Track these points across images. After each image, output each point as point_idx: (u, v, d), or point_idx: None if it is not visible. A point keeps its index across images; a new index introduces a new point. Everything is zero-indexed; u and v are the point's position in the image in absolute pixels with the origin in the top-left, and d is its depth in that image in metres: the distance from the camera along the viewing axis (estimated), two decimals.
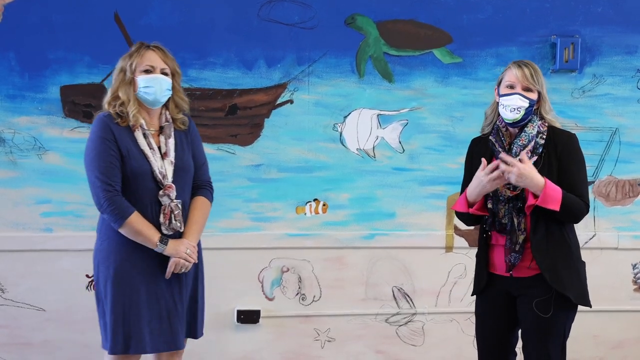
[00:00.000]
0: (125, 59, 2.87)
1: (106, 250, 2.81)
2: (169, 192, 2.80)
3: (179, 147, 2.88)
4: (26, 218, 3.66)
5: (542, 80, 2.80)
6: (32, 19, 3.58)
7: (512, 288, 2.83)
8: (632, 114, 4.01)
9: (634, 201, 4.07)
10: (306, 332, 3.92)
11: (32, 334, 3.69)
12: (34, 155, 3.65)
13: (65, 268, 3.68)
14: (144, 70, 2.83)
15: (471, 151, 2.96)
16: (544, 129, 2.79)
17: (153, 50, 2.87)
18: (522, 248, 2.75)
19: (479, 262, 2.91)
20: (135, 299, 2.77)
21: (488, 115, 2.91)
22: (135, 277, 2.78)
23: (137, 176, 2.78)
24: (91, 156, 2.79)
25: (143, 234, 2.76)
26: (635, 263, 4.10)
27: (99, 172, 2.76)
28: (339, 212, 3.89)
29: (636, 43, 3.97)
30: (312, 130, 3.84)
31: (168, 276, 2.81)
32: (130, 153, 2.78)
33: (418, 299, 3.98)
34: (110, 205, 2.74)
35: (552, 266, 2.74)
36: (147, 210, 2.79)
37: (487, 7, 3.88)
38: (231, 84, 3.75)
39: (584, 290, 2.84)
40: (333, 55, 3.81)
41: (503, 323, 2.87)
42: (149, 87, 2.82)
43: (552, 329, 2.77)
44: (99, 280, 2.83)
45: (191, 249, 2.82)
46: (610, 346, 4.10)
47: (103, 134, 2.78)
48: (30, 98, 3.63)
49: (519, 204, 2.75)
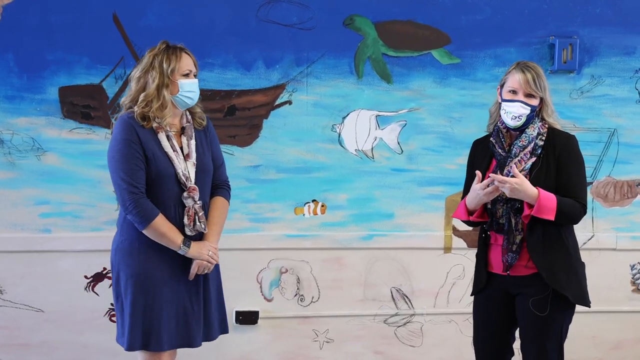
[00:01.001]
0: (160, 60, 2.83)
1: (128, 250, 2.84)
2: (193, 194, 2.83)
3: (199, 148, 2.91)
4: (25, 219, 3.65)
5: (545, 84, 2.81)
6: (31, 20, 3.58)
7: (510, 287, 2.84)
8: (631, 115, 4.02)
9: (632, 202, 4.07)
10: (305, 333, 3.92)
11: (30, 334, 3.69)
12: (32, 156, 3.65)
13: (64, 269, 3.68)
14: (184, 74, 2.85)
15: (473, 153, 2.99)
16: (544, 130, 2.82)
17: (187, 53, 2.89)
18: (519, 248, 2.77)
19: (479, 261, 2.93)
20: (158, 299, 2.81)
21: (492, 113, 2.94)
22: (157, 278, 2.82)
23: (162, 178, 2.81)
24: (116, 158, 2.80)
25: (167, 236, 2.80)
26: (633, 264, 4.10)
27: (124, 173, 2.77)
28: (338, 212, 3.89)
29: (634, 44, 3.98)
30: (310, 131, 3.84)
31: (191, 278, 2.86)
32: (156, 156, 2.80)
33: (416, 300, 3.98)
34: (136, 207, 2.76)
35: (549, 266, 2.75)
36: (170, 212, 2.83)
37: (485, 8, 3.88)
38: (230, 84, 3.76)
39: (583, 290, 2.85)
40: (331, 56, 3.81)
41: (501, 322, 2.89)
42: (191, 92, 2.86)
43: (549, 327, 2.78)
44: (120, 278, 2.86)
45: (213, 251, 2.88)
46: (608, 347, 4.11)
47: (128, 136, 2.79)
48: (28, 99, 3.63)
49: (517, 205, 2.77)
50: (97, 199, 3.66)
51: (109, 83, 3.67)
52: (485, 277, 2.88)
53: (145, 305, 2.81)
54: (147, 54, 2.88)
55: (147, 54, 2.87)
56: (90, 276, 3.71)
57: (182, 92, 2.85)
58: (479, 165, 2.88)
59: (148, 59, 2.85)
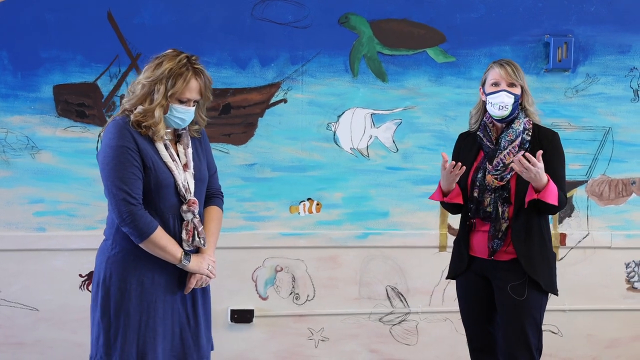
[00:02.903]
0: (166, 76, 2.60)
1: (121, 262, 2.63)
2: (193, 208, 2.67)
3: (196, 157, 2.76)
4: (19, 217, 3.65)
5: (523, 75, 2.97)
6: (25, 18, 3.57)
7: (488, 270, 2.99)
8: (625, 113, 4.02)
9: (627, 200, 4.08)
10: (300, 331, 3.92)
11: (25, 333, 3.68)
12: (27, 155, 3.64)
13: (59, 267, 3.67)
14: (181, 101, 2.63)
15: (458, 146, 3.14)
16: (530, 126, 2.98)
17: (197, 79, 2.64)
18: (504, 235, 2.93)
19: (459, 246, 3.07)
20: (153, 315, 2.65)
21: (473, 115, 3.10)
22: (153, 294, 2.65)
23: (161, 189, 2.63)
24: (111, 165, 2.57)
25: (167, 250, 2.62)
26: (628, 262, 4.10)
27: (121, 182, 2.56)
28: (333, 211, 3.88)
29: (629, 42, 3.98)
30: (305, 129, 3.84)
31: (187, 292, 2.71)
32: (156, 165, 2.62)
33: (412, 298, 3.98)
34: (134, 219, 2.56)
35: (527, 253, 2.92)
36: (169, 225, 2.64)
37: (480, 7, 3.88)
38: (225, 83, 3.75)
39: (553, 279, 3.00)
40: (327, 55, 3.81)
41: (483, 302, 3.04)
42: (180, 118, 2.66)
43: (527, 311, 2.93)
44: (111, 293, 2.64)
45: (212, 264, 2.72)
46: (603, 345, 4.11)
47: (125, 142, 2.57)
48: (23, 97, 3.62)
49: (505, 194, 2.92)
50: (91, 197, 3.65)
51: (104, 81, 3.66)
52: (467, 260, 3.02)
53: (140, 321, 2.63)
54: (165, 62, 2.62)
55: (166, 62, 2.62)
56: (85, 275, 3.71)
57: (170, 115, 2.65)
58: (465, 157, 3.02)
59: (162, 70, 2.61)
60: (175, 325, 2.71)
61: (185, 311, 2.74)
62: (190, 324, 2.74)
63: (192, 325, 2.75)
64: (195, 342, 2.76)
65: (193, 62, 2.66)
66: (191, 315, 2.75)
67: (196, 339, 2.76)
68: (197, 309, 2.78)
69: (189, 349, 2.74)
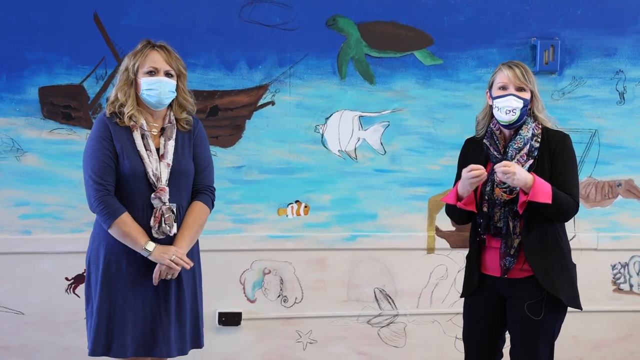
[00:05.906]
0: (129, 58, 2.82)
1: (96, 251, 2.80)
2: (160, 195, 2.75)
3: (179, 150, 2.83)
4: (4, 220, 3.62)
5: (533, 79, 2.81)
6: (11, 19, 3.54)
7: (503, 289, 2.82)
8: (611, 116, 4.05)
9: (613, 202, 4.10)
10: (288, 334, 3.91)
11: (10, 337, 3.65)
12: (12, 157, 3.61)
13: (45, 271, 3.64)
14: (148, 72, 2.79)
15: (465, 152, 2.94)
16: (538, 131, 2.80)
17: (157, 50, 2.82)
18: (517, 252, 2.75)
19: (471, 263, 2.89)
20: (121, 303, 2.75)
21: (480, 120, 2.90)
22: (123, 281, 2.76)
23: (130, 177, 2.75)
24: (87, 154, 2.78)
25: (130, 235, 2.72)
26: (614, 264, 4.13)
27: (92, 171, 2.74)
28: (321, 213, 3.88)
29: (615, 45, 4.00)
30: (293, 131, 3.83)
31: (155, 282, 2.77)
32: (125, 152, 2.75)
33: (400, 301, 3.98)
34: (101, 204, 2.72)
35: (544, 269, 2.74)
36: (139, 213, 2.76)
37: (467, 9, 3.89)
38: (212, 85, 3.74)
39: (575, 293, 2.84)
40: (314, 57, 3.81)
41: (492, 324, 2.86)
42: (151, 90, 2.78)
43: (542, 330, 2.76)
44: (90, 280, 2.82)
45: (178, 256, 2.76)
46: (590, 346, 4.13)
47: (100, 133, 2.77)
48: (8, 99, 3.59)
49: (515, 208, 2.75)
50: (77, 200, 3.61)
51: (90, 83, 3.64)
52: (478, 279, 2.84)
53: (109, 308, 2.75)
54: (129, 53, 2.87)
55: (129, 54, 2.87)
56: (71, 278, 3.68)
57: (142, 90, 2.79)
58: None
59: (128, 56, 2.84)
60: (147, 316, 2.78)
61: (158, 303, 2.80)
62: (161, 317, 2.79)
63: (163, 318, 2.80)
64: (164, 335, 2.80)
65: (154, 43, 2.84)
66: (163, 309, 2.80)
67: (166, 333, 2.80)
68: (169, 304, 2.81)
69: (157, 342, 2.79)
